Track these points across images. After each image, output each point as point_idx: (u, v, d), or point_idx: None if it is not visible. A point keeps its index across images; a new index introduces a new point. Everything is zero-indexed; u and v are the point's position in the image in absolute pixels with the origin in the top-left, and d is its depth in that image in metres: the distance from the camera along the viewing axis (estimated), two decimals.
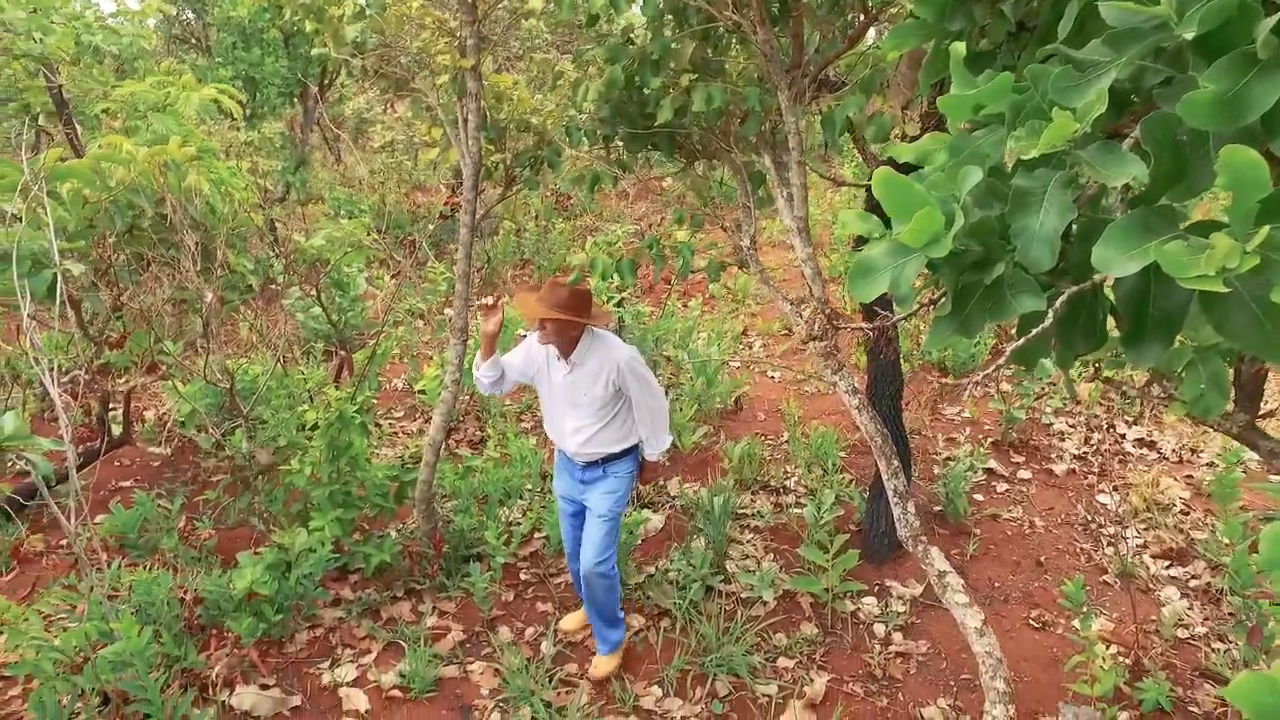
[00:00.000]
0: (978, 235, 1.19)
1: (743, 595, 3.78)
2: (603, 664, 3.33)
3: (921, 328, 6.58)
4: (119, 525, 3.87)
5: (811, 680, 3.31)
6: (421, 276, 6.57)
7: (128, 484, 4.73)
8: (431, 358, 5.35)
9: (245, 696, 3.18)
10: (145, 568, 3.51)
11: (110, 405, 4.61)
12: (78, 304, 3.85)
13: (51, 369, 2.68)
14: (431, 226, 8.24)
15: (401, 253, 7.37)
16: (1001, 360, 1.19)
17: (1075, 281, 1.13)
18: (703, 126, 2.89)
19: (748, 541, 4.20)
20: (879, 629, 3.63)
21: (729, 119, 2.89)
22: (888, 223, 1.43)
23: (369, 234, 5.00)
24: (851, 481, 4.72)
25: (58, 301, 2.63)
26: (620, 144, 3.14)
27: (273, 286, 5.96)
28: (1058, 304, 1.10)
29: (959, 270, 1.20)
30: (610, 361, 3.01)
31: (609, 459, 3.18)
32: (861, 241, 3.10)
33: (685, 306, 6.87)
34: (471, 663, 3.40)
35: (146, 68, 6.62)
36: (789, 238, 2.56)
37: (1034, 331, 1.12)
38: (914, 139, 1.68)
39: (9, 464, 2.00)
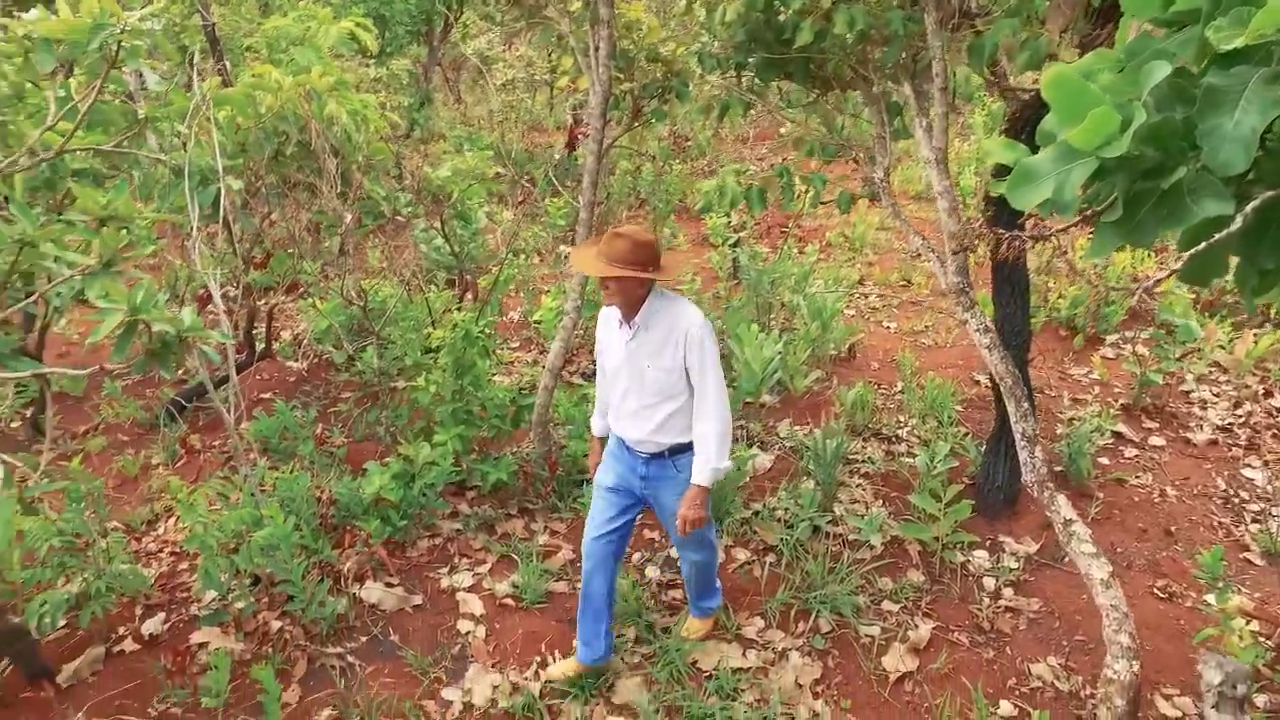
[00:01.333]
0: (1157, 138, 1.11)
1: (849, 538, 3.76)
2: (696, 626, 3.19)
3: (1051, 283, 6.24)
4: (263, 430, 4.20)
5: (916, 626, 3.28)
6: (541, 211, 6.70)
7: (267, 396, 5.10)
8: (547, 291, 5.47)
9: (373, 590, 3.43)
10: (287, 470, 3.80)
11: (253, 323, 4.97)
12: (229, 224, 4.13)
13: (213, 280, 2.91)
14: (557, 156, 8.30)
15: (522, 188, 7.50)
16: (1177, 268, 1.12)
17: (1270, 188, 1.05)
18: (841, 52, 2.80)
19: (856, 486, 4.16)
20: (989, 582, 3.55)
21: (868, 45, 2.78)
22: (1034, 150, 1.36)
23: (492, 167, 5.12)
24: (967, 435, 4.58)
25: (221, 215, 2.84)
26: (752, 72, 3.07)
27: (399, 218, 6.24)
28: (1247, 210, 1.03)
29: (1132, 176, 1.13)
30: (679, 326, 2.55)
31: (678, 450, 2.70)
32: (1004, 171, 2.95)
33: (801, 253, 6.74)
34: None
35: (290, 4, 6.94)
36: (924, 170, 2.47)
37: (1217, 236, 1.05)
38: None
39: (184, 357, 2.19)
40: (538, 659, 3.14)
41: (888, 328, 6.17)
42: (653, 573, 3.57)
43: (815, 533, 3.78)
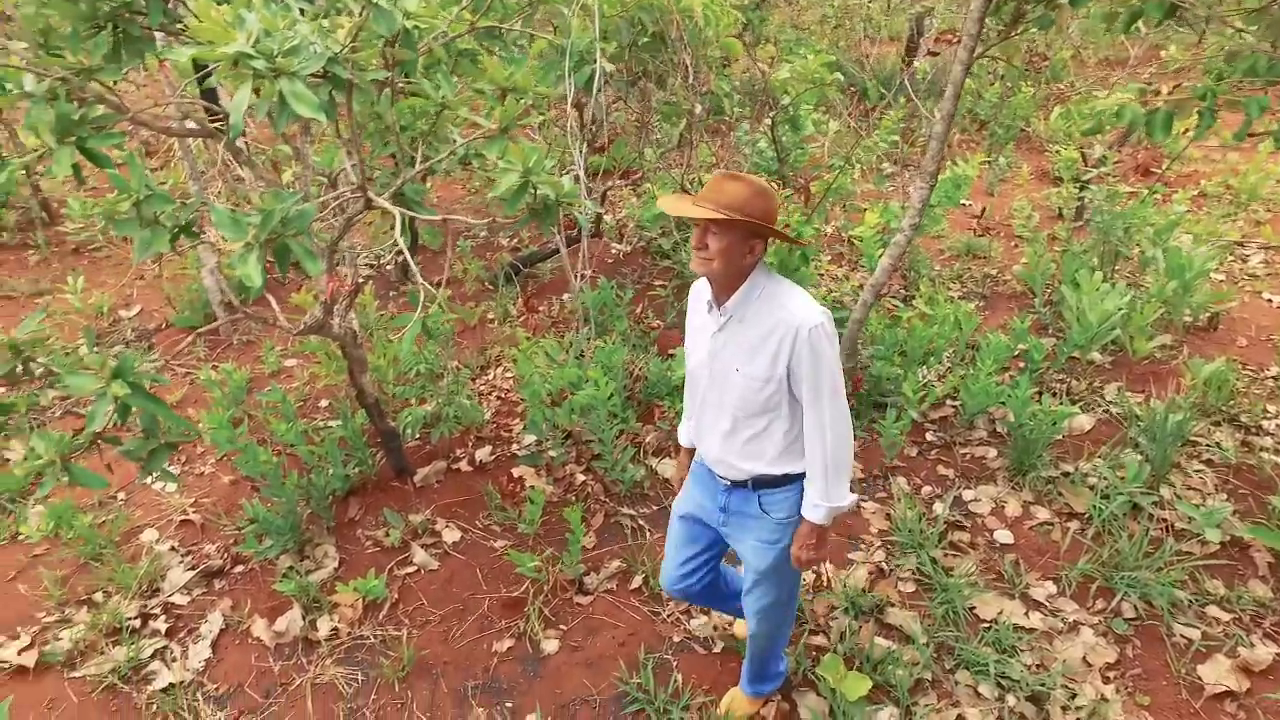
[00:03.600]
0: None
1: (1176, 525, 3.33)
2: (741, 701, 2.58)
3: None
4: (588, 300, 4.58)
5: (1251, 644, 2.85)
6: (872, 124, 6.39)
7: (589, 273, 5.53)
8: (866, 209, 5.27)
9: (668, 466, 3.68)
10: (604, 342, 4.14)
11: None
12: (581, 108, 4.43)
13: (580, 155, 3.17)
14: (917, 64, 7.78)
15: (857, 97, 7.17)
16: None
17: None
18: None
19: (1195, 472, 3.64)
20: None
21: None
22: None
23: (832, 73, 4.95)
24: None
25: (595, 91, 3.05)
26: None
27: (726, 119, 6.32)
28: None
29: None
30: (787, 322, 1.83)
31: (765, 484, 2.04)
32: None
33: (1167, 200, 5.82)
34: (865, 500, 3.52)
35: None
36: None
37: None
38: None
39: (559, 220, 2.42)
40: (817, 569, 3.20)
41: (1268, 300, 5.19)
42: (940, 509, 3.44)
43: (1134, 510, 3.39)
